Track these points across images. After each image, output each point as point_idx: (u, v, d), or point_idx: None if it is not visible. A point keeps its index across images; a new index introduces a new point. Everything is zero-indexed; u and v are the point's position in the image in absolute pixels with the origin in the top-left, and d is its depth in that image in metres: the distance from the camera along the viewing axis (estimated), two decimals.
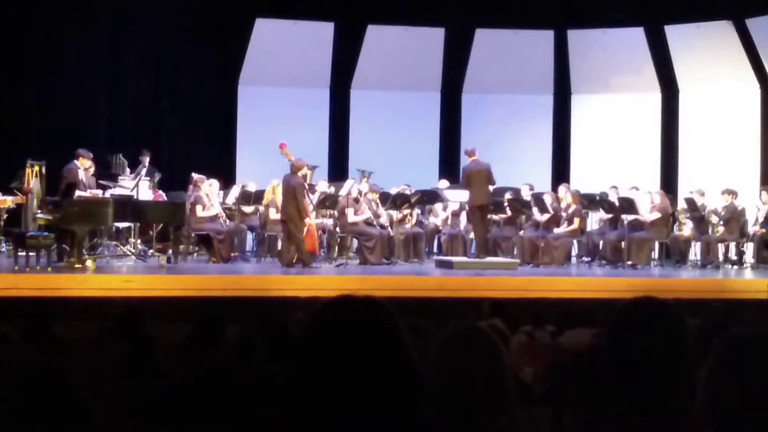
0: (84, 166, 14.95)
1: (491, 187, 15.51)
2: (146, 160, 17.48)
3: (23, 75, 19.05)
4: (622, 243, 16.09)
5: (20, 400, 4.17)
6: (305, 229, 14.77)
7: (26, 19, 18.89)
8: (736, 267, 16.72)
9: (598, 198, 17.06)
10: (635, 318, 2.89)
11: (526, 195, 16.99)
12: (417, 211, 17.46)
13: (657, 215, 16.10)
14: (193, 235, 16.09)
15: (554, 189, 17.77)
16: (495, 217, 16.67)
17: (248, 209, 17.15)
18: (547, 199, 16.70)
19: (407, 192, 16.95)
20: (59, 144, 16.28)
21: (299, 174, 14.65)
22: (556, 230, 16.35)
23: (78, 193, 14.64)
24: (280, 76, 20.33)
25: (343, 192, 15.94)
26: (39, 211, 14.31)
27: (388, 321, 2.18)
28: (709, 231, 16.76)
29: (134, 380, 5.30)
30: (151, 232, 16.10)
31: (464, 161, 16.67)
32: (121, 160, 17.59)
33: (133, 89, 20.22)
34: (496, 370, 2.93)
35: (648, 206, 16.22)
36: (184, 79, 20.39)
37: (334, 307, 2.21)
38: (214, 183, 16.07)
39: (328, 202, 15.82)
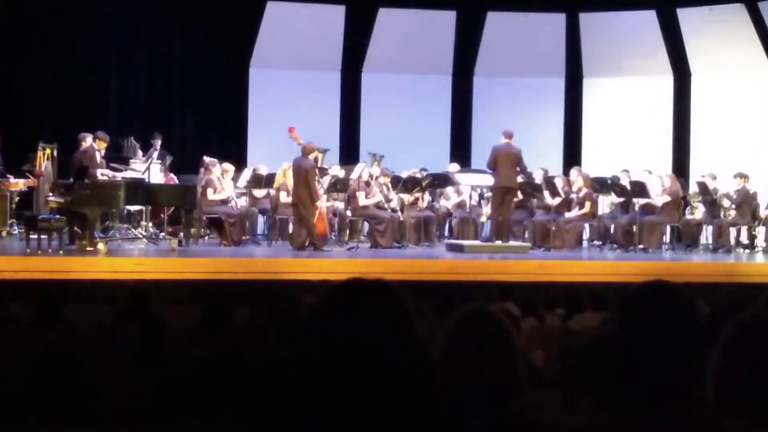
0: (100, 148, 14.97)
1: (520, 178, 15.51)
2: (158, 143, 17.50)
3: (34, 58, 19.04)
4: (634, 227, 16.07)
5: (31, 382, 4.19)
6: (317, 212, 14.79)
7: (37, 2, 18.88)
8: (747, 251, 16.68)
9: (609, 182, 17.03)
10: (646, 302, 2.88)
11: (539, 179, 16.95)
12: (427, 195, 17.44)
13: (667, 198, 16.06)
14: (204, 218, 16.11)
15: (565, 173, 17.76)
16: None
17: (259, 193, 17.14)
18: (559, 183, 16.67)
19: (419, 175, 16.89)
20: (70, 127, 16.27)
21: (310, 157, 14.65)
22: (567, 214, 16.33)
23: (99, 172, 14.73)
24: (291, 59, 20.31)
25: (354, 175, 15.93)
26: (51, 194, 14.35)
27: (397, 304, 2.18)
28: (721, 215, 16.72)
29: (145, 363, 5.32)
30: (162, 215, 16.14)
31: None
32: (132, 144, 17.61)
33: (145, 72, 20.23)
34: (507, 354, 2.93)
35: (659, 190, 16.18)
36: (195, 62, 20.38)
37: (344, 290, 2.21)
38: (230, 168, 16.08)
39: (339, 186, 15.82)
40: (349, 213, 16.11)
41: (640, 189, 16.02)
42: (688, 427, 2.57)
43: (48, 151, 16.19)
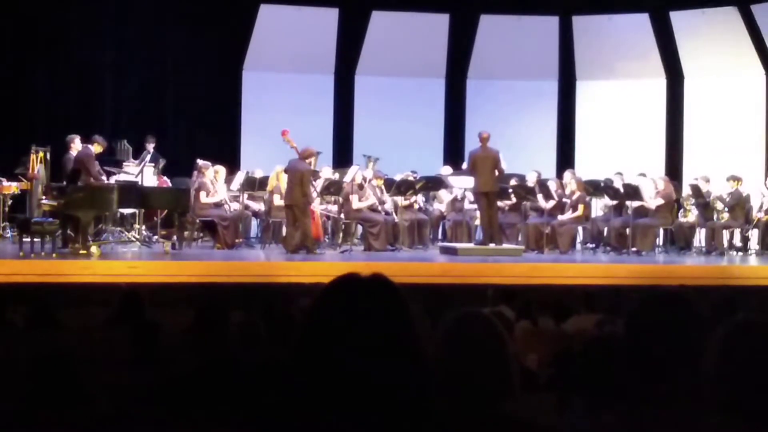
0: (97, 152, 14.96)
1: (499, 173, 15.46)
2: (151, 146, 17.47)
3: (27, 61, 19.04)
4: (627, 229, 16.09)
5: (25, 387, 4.18)
6: (317, 213, 14.83)
7: (31, 4, 18.86)
8: (740, 253, 16.71)
9: (602, 184, 17.05)
10: (654, 309, 2.88)
11: (533, 182, 16.95)
12: (421, 198, 17.45)
13: (660, 201, 16.08)
14: (197, 221, 16.10)
15: (559, 175, 17.77)
16: (500, 203, 16.56)
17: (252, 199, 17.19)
18: (552, 186, 16.69)
19: (412, 178, 16.91)
20: (64, 130, 16.26)
21: (307, 161, 14.64)
22: (560, 217, 16.35)
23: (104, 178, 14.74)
24: (284, 62, 20.31)
25: (347, 178, 15.94)
26: (44, 197, 14.34)
27: (395, 299, 2.17)
28: (714, 217, 16.73)
29: (138, 366, 5.31)
30: (155, 218, 16.12)
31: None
32: (125, 146, 17.58)
33: (138, 75, 20.19)
34: (500, 357, 2.92)
35: (652, 192, 16.20)
36: (189, 65, 20.36)
37: (340, 285, 2.20)
38: (220, 169, 16.07)
39: (332, 189, 15.82)
40: (342, 216, 16.12)
41: (633, 192, 16.03)
42: (682, 429, 2.57)
43: (41, 154, 16.16)
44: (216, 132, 20.17)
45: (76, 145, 15.04)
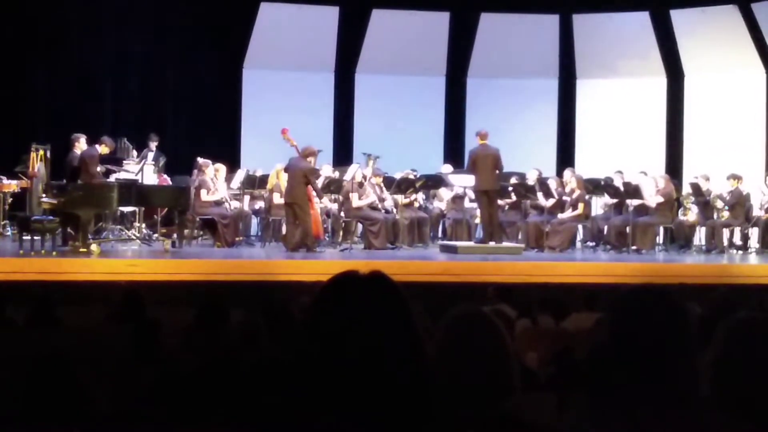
0: (103, 153, 14.95)
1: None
2: (154, 144, 17.47)
3: (28, 59, 19.02)
4: (627, 228, 16.08)
5: (24, 385, 4.18)
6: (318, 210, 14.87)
7: (31, 4, 18.86)
8: (740, 252, 16.70)
9: (602, 183, 17.04)
10: (636, 306, 2.88)
11: (533, 180, 16.94)
12: (421, 196, 17.44)
13: (660, 200, 16.08)
14: (197, 219, 16.09)
15: (559, 174, 17.76)
16: (500, 201, 16.54)
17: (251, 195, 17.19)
18: (552, 184, 16.68)
19: (412, 176, 16.90)
20: (64, 128, 16.27)
21: (307, 160, 14.64)
22: (560, 215, 16.34)
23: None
24: (284, 60, 20.30)
25: (347, 177, 15.93)
26: (44, 196, 14.33)
27: (395, 297, 2.17)
28: (714, 216, 16.72)
29: (138, 364, 5.31)
30: (155, 217, 16.11)
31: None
32: (125, 144, 17.57)
33: (138, 73, 20.18)
34: (499, 355, 2.92)
35: (652, 191, 16.19)
36: (189, 63, 20.35)
37: (340, 283, 2.20)
38: (221, 167, 16.06)
39: (332, 187, 15.81)
40: (342, 214, 16.11)
41: (633, 190, 16.02)
42: (683, 428, 2.57)
43: (41, 152, 16.15)
44: (216, 130, 20.16)
45: (81, 144, 15.04)
